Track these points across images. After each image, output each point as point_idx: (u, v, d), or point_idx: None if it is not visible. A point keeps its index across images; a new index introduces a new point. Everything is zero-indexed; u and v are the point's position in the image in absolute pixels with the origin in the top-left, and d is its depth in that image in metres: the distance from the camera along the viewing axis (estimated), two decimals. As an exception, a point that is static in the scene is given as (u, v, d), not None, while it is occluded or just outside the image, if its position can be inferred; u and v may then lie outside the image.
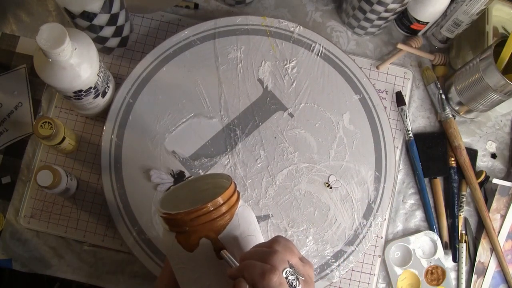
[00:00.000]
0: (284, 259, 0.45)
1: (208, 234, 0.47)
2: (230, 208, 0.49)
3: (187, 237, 0.47)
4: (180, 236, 0.48)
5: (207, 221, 0.47)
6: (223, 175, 0.53)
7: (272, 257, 0.44)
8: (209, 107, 0.76)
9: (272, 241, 0.47)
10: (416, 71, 0.84)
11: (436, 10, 0.76)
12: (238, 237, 0.48)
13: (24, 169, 0.75)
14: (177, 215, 0.47)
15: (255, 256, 0.45)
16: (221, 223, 0.48)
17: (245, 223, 0.49)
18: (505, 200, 0.80)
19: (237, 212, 0.49)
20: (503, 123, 0.84)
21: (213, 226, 0.48)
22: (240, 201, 0.51)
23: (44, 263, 0.73)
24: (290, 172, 0.76)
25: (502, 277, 0.79)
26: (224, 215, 0.48)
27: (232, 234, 0.48)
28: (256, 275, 0.42)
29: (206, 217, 0.47)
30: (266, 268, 0.42)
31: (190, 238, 0.47)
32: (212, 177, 0.55)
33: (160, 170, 0.74)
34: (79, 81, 0.63)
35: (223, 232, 0.48)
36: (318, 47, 0.79)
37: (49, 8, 0.81)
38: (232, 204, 0.49)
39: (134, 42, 0.80)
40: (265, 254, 0.44)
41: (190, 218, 0.47)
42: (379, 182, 0.76)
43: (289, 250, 0.46)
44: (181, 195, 0.55)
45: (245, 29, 0.79)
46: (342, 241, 0.74)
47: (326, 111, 0.78)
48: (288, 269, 0.44)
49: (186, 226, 0.47)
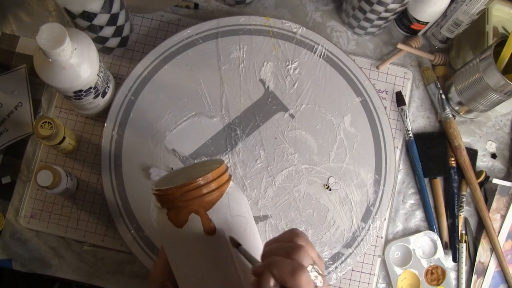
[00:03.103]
0: (309, 255, 0.43)
1: (197, 209, 0.49)
2: (220, 186, 0.50)
3: (177, 213, 0.49)
4: (171, 212, 0.49)
5: (197, 196, 0.49)
6: (217, 161, 0.55)
7: (299, 253, 0.42)
8: (210, 106, 0.76)
9: (292, 234, 0.45)
10: (416, 71, 0.84)
11: (436, 10, 0.76)
12: (228, 215, 0.50)
13: (24, 169, 0.75)
14: (168, 190, 0.49)
15: (280, 252, 0.43)
16: (210, 199, 0.49)
17: (235, 203, 0.51)
18: (505, 200, 0.80)
19: (228, 191, 0.50)
20: (503, 123, 0.84)
21: (202, 202, 0.49)
22: (231, 182, 0.52)
23: (44, 263, 0.73)
24: (290, 173, 0.76)
25: (502, 277, 0.79)
26: (213, 192, 0.49)
27: (221, 211, 0.49)
28: (286, 273, 0.41)
29: (195, 192, 0.49)
30: (295, 265, 0.41)
31: (180, 214, 0.49)
32: (208, 164, 0.56)
33: (160, 168, 0.74)
34: (79, 81, 0.63)
35: (212, 209, 0.49)
36: (321, 48, 0.79)
37: (49, 8, 0.81)
38: (222, 182, 0.50)
39: (134, 42, 0.80)
40: (291, 250, 0.43)
41: (180, 193, 0.48)
42: (378, 185, 0.76)
43: (310, 244, 0.45)
44: (176, 181, 0.56)
45: (247, 29, 0.79)
46: (340, 244, 0.74)
47: (327, 113, 0.78)
48: (313, 265, 0.43)
49: (177, 202, 0.49)
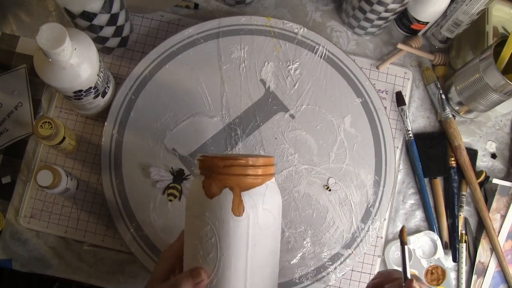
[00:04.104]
0: None
1: (233, 186, 0.48)
2: (264, 174, 0.50)
3: (212, 183, 0.48)
4: (207, 181, 0.49)
5: (238, 173, 0.48)
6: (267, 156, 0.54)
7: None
8: (211, 106, 0.76)
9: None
10: (416, 71, 0.84)
11: (436, 10, 0.76)
12: (259, 205, 0.49)
13: (24, 169, 0.75)
14: (213, 158, 0.49)
15: None
16: (249, 182, 0.49)
17: (271, 198, 0.50)
18: (505, 200, 0.80)
19: (268, 183, 0.50)
20: (503, 123, 0.84)
21: (241, 181, 0.49)
22: (274, 178, 0.52)
23: (44, 263, 0.73)
24: (290, 174, 0.75)
25: (502, 277, 0.79)
26: (256, 177, 0.49)
27: (254, 198, 0.49)
28: None
29: (240, 169, 0.48)
30: None
31: (215, 184, 0.48)
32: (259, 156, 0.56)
33: (160, 167, 0.74)
34: (79, 81, 0.63)
35: (247, 192, 0.48)
36: (322, 49, 0.79)
37: (49, 8, 0.81)
38: (268, 173, 0.50)
39: (134, 42, 0.80)
40: None
41: (224, 165, 0.48)
42: (378, 186, 0.76)
43: None
44: None
45: (249, 29, 0.79)
46: (339, 244, 0.74)
47: (327, 114, 0.78)
48: None
49: (217, 171, 0.48)
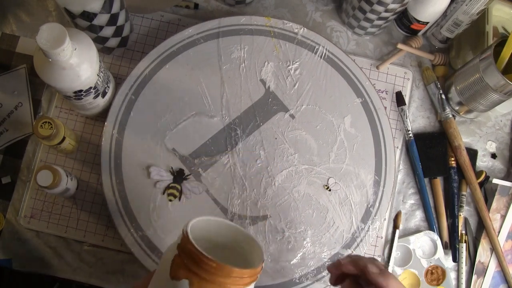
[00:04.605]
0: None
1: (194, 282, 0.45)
2: (250, 282, 0.48)
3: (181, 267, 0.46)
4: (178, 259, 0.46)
5: (223, 281, 0.45)
6: (260, 248, 0.52)
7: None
8: (211, 106, 0.76)
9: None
10: (416, 71, 0.84)
11: (436, 10, 0.76)
12: None
13: (24, 169, 0.75)
14: (209, 260, 0.44)
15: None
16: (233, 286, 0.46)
17: None
18: (505, 200, 0.80)
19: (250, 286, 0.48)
20: (503, 123, 0.84)
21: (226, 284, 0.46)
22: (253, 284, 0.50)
23: (44, 263, 0.73)
24: (290, 174, 0.76)
25: (502, 277, 0.79)
26: (243, 284, 0.47)
27: None
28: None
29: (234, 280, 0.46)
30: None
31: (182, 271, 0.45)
32: (251, 239, 0.54)
33: (160, 167, 0.74)
34: (79, 81, 0.63)
35: None
36: (322, 49, 0.79)
37: (49, 8, 0.81)
38: (253, 280, 0.48)
39: (134, 42, 0.80)
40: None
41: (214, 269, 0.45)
42: (378, 186, 0.76)
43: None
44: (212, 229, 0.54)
45: (249, 29, 0.79)
46: (339, 244, 0.74)
47: (327, 114, 0.78)
48: None
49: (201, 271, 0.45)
